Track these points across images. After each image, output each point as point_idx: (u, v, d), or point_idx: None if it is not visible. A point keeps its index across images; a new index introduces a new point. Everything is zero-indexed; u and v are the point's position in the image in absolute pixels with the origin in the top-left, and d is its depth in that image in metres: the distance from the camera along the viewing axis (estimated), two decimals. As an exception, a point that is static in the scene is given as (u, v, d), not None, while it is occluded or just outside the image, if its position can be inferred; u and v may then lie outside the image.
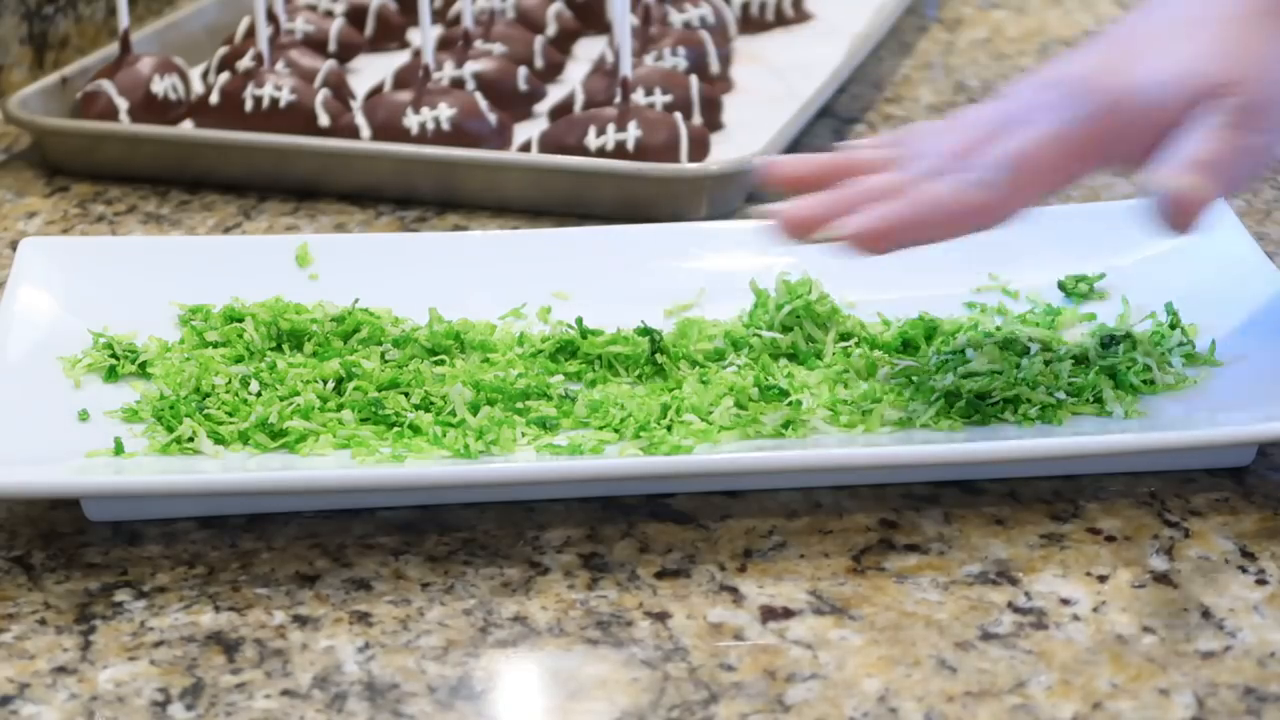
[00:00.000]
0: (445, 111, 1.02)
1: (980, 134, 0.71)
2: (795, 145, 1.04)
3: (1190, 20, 0.70)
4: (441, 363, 0.78)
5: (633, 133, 0.99)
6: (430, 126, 1.02)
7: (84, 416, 0.74)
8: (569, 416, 0.74)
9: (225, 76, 1.06)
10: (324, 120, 1.04)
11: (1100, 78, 0.70)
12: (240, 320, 0.80)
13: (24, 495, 0.71)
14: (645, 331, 0.78)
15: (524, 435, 0.73)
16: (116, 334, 0.80)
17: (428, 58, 1.04)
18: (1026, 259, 0.85)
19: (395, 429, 0.73)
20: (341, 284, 0.83)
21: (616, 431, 0.73)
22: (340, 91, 1.08)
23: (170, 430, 0.73)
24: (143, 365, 0.78)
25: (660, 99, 1.04)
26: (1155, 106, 0.68)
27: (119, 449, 0.72)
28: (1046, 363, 0.76)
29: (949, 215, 0.69)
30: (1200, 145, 0.67)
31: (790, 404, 0.74)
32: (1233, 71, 0.68)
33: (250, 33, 1.13)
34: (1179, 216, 0.67)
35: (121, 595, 0.67)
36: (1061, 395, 0.74)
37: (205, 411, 0.74)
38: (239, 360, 0.78)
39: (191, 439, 0.72)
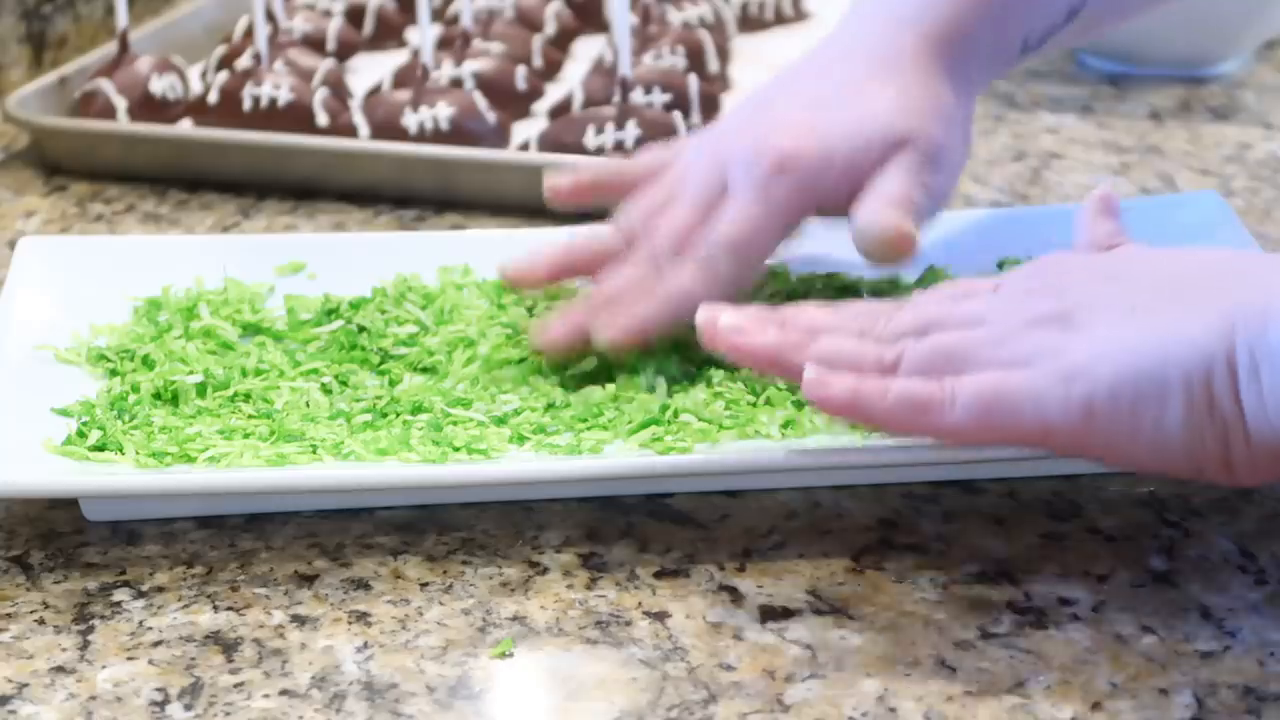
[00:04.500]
0: (444, 111, 1.02)
1: (693, 211, 0.78)
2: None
3: (869, 76, 0.79)
4: (430, 369, 0.78)
5: (631, 132, 0.99)
6: (429, 126, 1.02)
7: (83, 416, 0.74)
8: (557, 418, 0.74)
9: (224, 76, 1.06)
10: (323, 119, 1.04)
11: (793, 150, 0.77)
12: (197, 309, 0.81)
13: (23, 495, 0.71)
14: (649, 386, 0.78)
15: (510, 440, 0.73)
16: (114, 333, 0.80)
17: (426, 57, 1.04)
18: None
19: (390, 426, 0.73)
20: (340, 283, 0.83)
21: (608, 429, 0.73)
22: (339, 91, 1.08)
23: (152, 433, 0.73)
24: (144, 359, 0.78)
25: (659, 98, 1.04)
26: (849, 167, 0.77)
27: (82, 435, 0.72)
28: None
29: (684, 303, 0.75)
30: (895, 189, 0.76)
31: (792, 403, 0.74)
32: (913, 125, 0.77)
33: (249, 32, 1.13)
34: (895, 249, 0.75)
35: (120, 595, 0.67)
36: None
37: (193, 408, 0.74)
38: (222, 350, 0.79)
39: (185, 442, 0.72)
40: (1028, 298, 0.66)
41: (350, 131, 1.03)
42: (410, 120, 1.02)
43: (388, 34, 1.23)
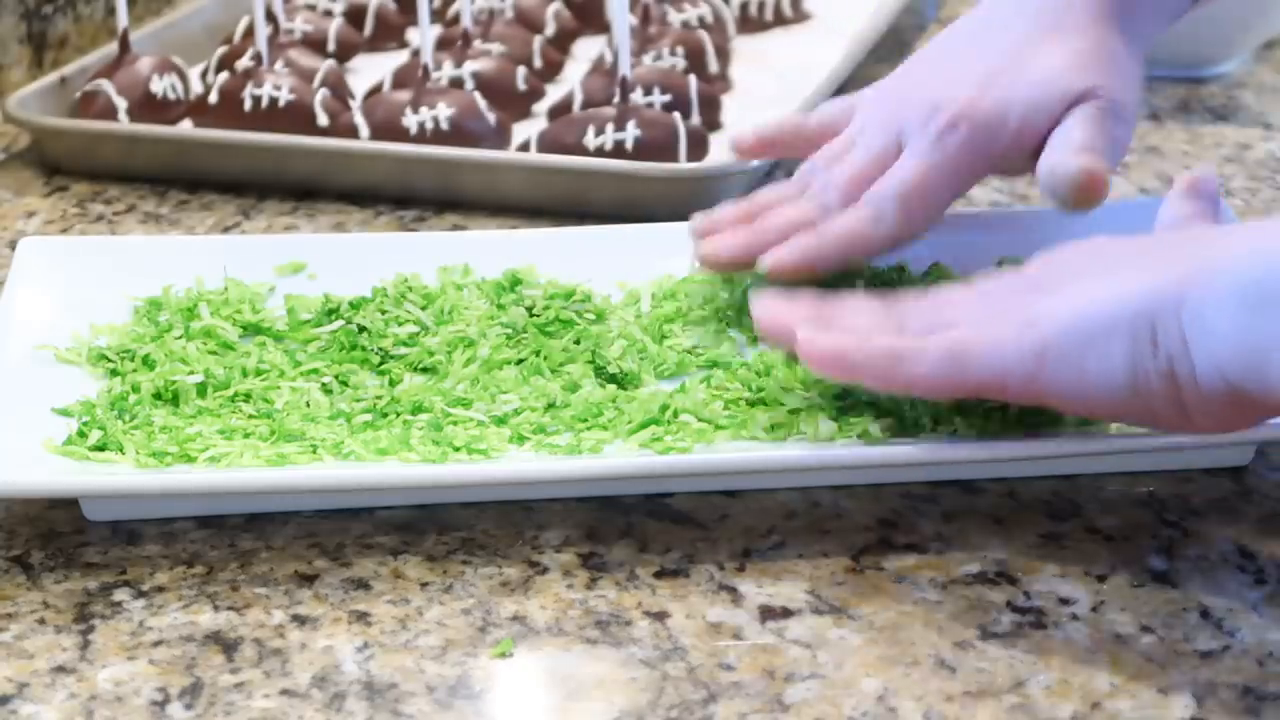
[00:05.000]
0: (444, 111, 1.02)
1: (866, 161, 0.80)
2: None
3: (1041, 31, 0.79)
4: (430, 369, 0.78)
5: (631, 132, 0.99)
6: (429, 126, 1.02)
7: (83, 416, 0.74)
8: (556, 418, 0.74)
9: (224, 76, 1.06)
10: (323, 120, 1.04)
11: (970, 102, 0.78)
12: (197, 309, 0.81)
13: (23, 495, 0.71)
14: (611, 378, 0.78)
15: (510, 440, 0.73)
16: (114, 333, 0.80)
17: (426, 57, 1.04)
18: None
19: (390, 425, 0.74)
20: (340, 284, 0.83)
21: (608, 429, 0.73)
22: (339, 91, 1.08)
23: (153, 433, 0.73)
24: (144, 359, 0.78)
25: (659, 99, 1.04)
26: (1028, 122, 0.78)
27: (83, 434, 0.72)
28: None
29: (847, 245, 0.78)
30: (1082, 136, 0.76)
31: (789, 410, 0.74)
32: (1093, 80, 0.78)
33: (249, 32, 1.13)
34: (1088, 192, 0.75)
35: (120, 595, 0.67)
36: None
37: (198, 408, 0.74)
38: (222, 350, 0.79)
39: (186, 441, 0.72)
40: (1024, 275, 0.69)
41: (350, 132, 1.03)
42: (410, 120, 1.02)
43: (388, 34, 1.23)
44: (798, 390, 0.75)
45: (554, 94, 1.11)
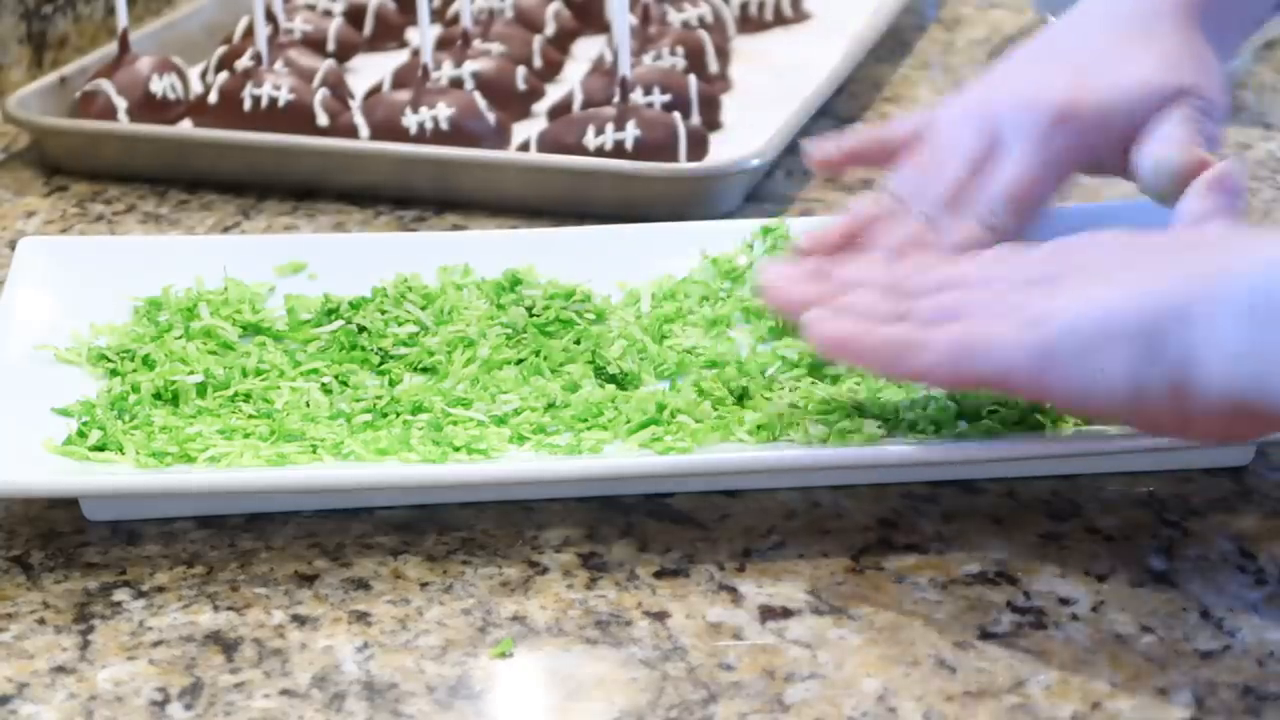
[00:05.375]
0: (444, 111, 1.02)
1: (965, 168, 0.80)
2: (794, 145, 1.04)
3: (1130, 36, 0.80)
4: (430, 369, 0.78)
5: (631, 132, 0.99)
6: (429, 126, 1.02)
7: (83, 416, 0.74)
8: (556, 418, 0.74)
9: (224, 76, 1.06)
10: (323, 120, 1.04)
11: (1070, 101, 0.78)
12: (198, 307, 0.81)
13: (23, 495, 0.71)
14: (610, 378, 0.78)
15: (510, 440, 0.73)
16: (114, 333, 0.80)
17: (426, 57, 1.04)
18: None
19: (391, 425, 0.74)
20: (340, 283, 0.83)
21: (608, 429, 0.73)
22: (339, 91, 1.08)
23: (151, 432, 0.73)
24: (144, 359, 0.78)
25: (659, 98, 1.04)
26: (1128, 121, 0.78)
27: (82, 434, 0.72)
28: None
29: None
30: (1179, 131, 0.77)
31: (776, 412, 0.74)
32: (1185, 80, 0.78)
33: (249, 32, 1.13)
34: (1192, 180, 0.74)
35: (120, 595, 0.67)
36: None
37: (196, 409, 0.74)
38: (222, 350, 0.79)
39: (185, 441, 0.72)
40: (1036, 264, 0.68)
41: (350, 132, 1.03)
42: (410, 120, 1.02)
43: (388, 34, 1.23)
44: (785, 394, 0.75)
45: (554, 94, 1.11)
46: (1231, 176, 0.73)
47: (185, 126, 1.06)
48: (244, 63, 1.09)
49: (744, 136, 1.03)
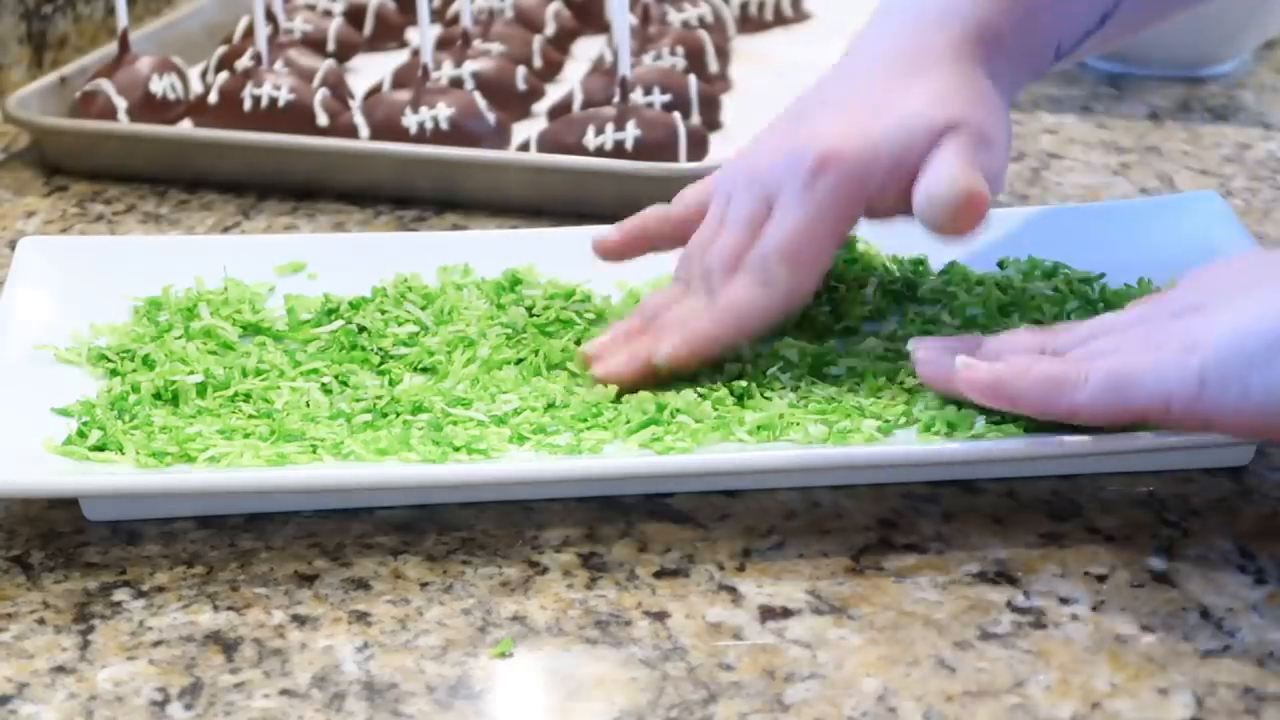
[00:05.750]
0: (444, 111, 1.02)
1: (741, 230, 0.77)
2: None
3: (900, 75, 0.78)
4: (430, 369, 0.78)
5: (631, 132, 0.99)
6: (429, 126, 1.02)
7: (83, 415, 0.74)
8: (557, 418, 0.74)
9: (224, 76, 1.06)
10: (323, 120, 1.04)
11: (832, 148, 0.76)
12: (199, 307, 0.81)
13: (23, 495, 0.71)
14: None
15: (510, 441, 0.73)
16: (114, 333, 0.80)
17: (426, 57, 1.04)
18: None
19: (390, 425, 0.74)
20: (340, 283, 0.83)
21: (608, 429, 0.73)
22: (339, 91, 1.08)
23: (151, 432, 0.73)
24: (144, 359, 0.78)
25: (659, 98, 1.04)
26: (894, 161, 0.75)
27: (82, 435, 0.72)
28: None
29: (739, 318, 0.76)
30: (954, 162, 0.74)
31: (776, 413, 0.74)
32: (955, 114, 0.76)
33: (249, 32, 1.13)
34: (968, 212, 0.74)
35: (120, 595, 0.67)
36: None
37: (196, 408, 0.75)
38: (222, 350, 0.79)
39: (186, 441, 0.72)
40: (1177, 299, 0.69)
41: (350, 132, 1.03)
42: (410, 120, 1.02)
43: (388, 34, 1.23)
44: (785, 394, 0.75)
45: (554, 94, 1.11)
46: None
47: (185, 126, 1.06)
48: (244, 63, 1.09)
49: (744, 136, 1.02)
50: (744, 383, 0.75)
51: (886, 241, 0.85)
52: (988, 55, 0.78)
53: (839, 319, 0.81)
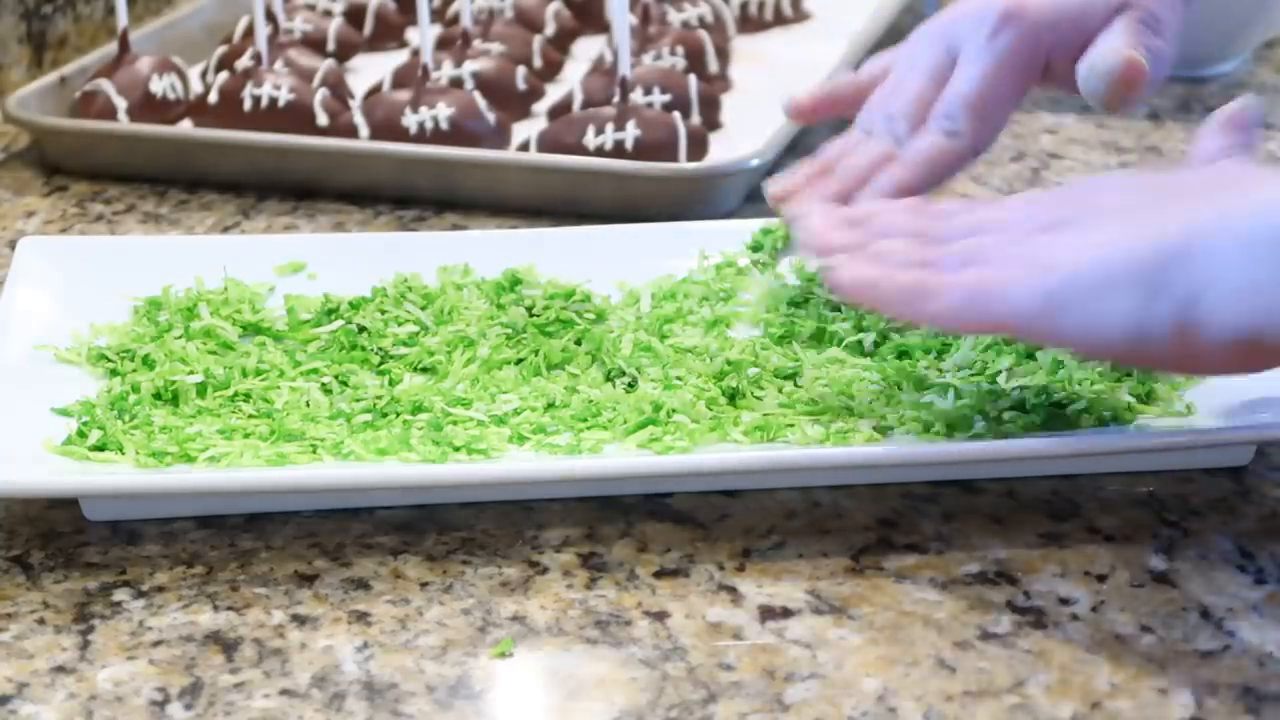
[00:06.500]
0: (444, 111, 1.02)
1: (924, 81, 0.82)
2: (794, 145, 1.04)
3: None
4: (430, 369, 0.78)
5: (631, 132, 0.99)
6: (429, 126, 1.02)
7: (83, 415, 0.74)
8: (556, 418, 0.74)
9: (224, 76, 1.06)
10: (323, 120, 1.04)
11: (1023, 5, 0.81)
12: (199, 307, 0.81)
13: (23, 495, 0.71)
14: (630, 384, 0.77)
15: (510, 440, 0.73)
16: (114, 333, 0.80)
17: (426, 57, 1.04)
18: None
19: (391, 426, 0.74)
20: (340, 283, 0.83)
21: (607, 429, 0.73)
22: (339, 91, 1.08)
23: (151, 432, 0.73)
24: (144, 359, 0.78)
25: (659, 98, 1.04)
26: (1074, 26, 0.80)
27: (82, 435, 0.72)
28: (1059, 364, 0.76)
29: (930, 167, 0.80)
30: (1120, 37, 0.79)
31: (765, 414, 0.74)
32: None
33: (249, 32, 1.13)
34: (1128, 82, 0.78)
35: (120, 595, 0.67)
36: (1130, 398, 0.73)
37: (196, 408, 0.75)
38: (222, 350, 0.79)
39: (185, 441, 0.72)
40: (1050, 206, 0.69)
41: (350, 132, 1.03)
42: (410, 120, 1.02)
43: (388, 34, 1.23)
44: (774, 394, 0.75)
45: (554, 94, 1.11)
46: (1245, 114, 0.73)
47: (185, 126, 1.06)
48: (244, 63, 1.09)
49: (744, 136, 1.03)
50: (734, 383, 0.75)
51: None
52: None
53: (822, 320, 0.81)
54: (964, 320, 0.67)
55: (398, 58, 1.17)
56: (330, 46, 1.17)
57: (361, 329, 0.80)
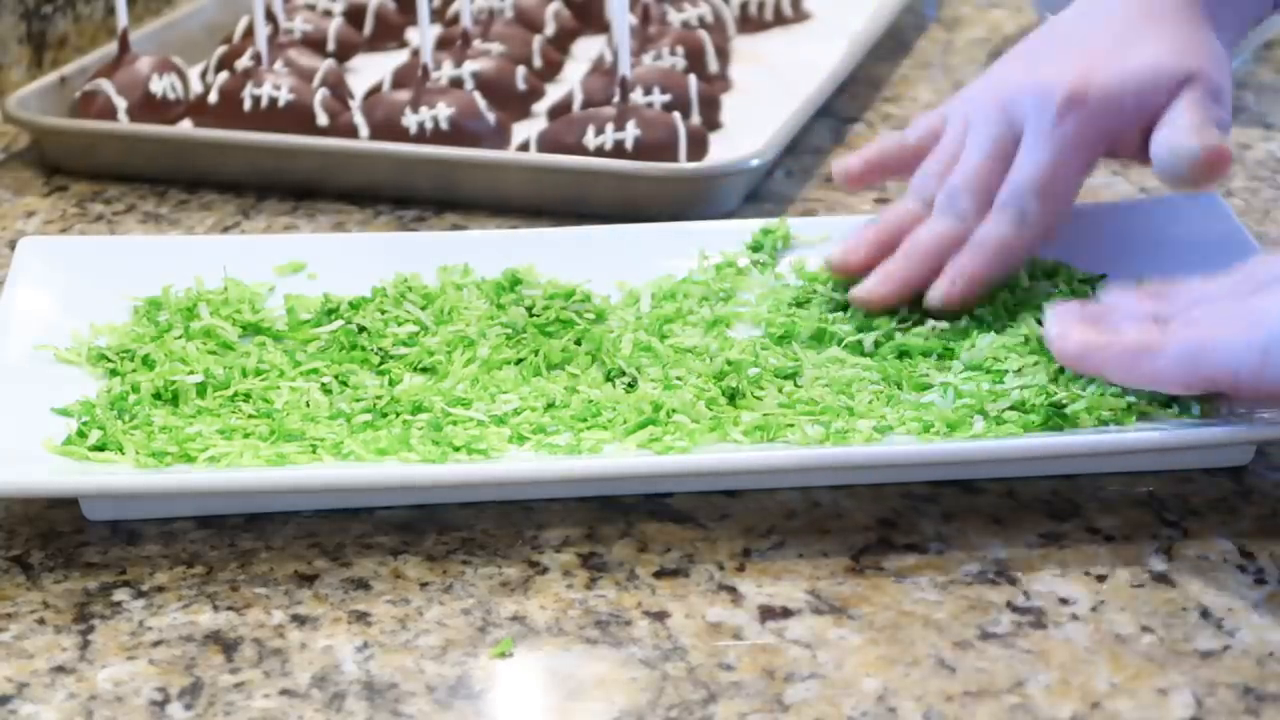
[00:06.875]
0: (444, 111, 1.02)
1: (986, 158, 0.81)
2: (794, 145, 1.04)
3: (1136, 25, 0.81)
4: (430, 369, 0.78)
5: (631, 132, 0.99)
6: (429, 126, 1.02)
7: (83, 415, 0.74)
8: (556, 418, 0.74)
9: (224, 76, 1.06)
10: (323, 120, 1.04)
11: (1080, 85, 0.79)
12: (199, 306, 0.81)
13: (23, 495, 0.71)
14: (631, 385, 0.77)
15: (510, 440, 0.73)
16: (114, 333, 0.80)
17: (426, 57, 1.04)
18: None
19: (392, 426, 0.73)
20: (340, 283, 0.83)
21: (607, 429, 0.73)
22: (339, 91, 1.08)
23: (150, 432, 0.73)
24: (144, 359, 0.78)
25: (659, 98, 1.04)
26: (1138, 104, 0.79)
27: (82, 435, 0.72)
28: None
29: (1004, 257, 0.80)
30: (1193, 117, 0.78)
31: (764, 414, 0.74)
32: (1193, 64, 0.80)
33: (249, 32, 1.13)
34: (1213, 167, 0.78)
35: (120, 595, 0.67)
36: (1131, 398, 0.73)
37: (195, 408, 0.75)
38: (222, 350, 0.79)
39: (185, 441, 0.72)
40: (1258, 271, 0.71)
41: (350, 132, 1.03)
42: (410, 120, 1.02)
43: (388, 34, 1.23)
44: (773, 394, 0.75)
45: (554, 94, 1.11)
46: None
47: (185, 126, 1.06)
48: (244, 63, 1.09)
49: (744, 136, 1.03)
50: (733, 383, 0.75)
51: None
52: (1210, 9, 0.82)
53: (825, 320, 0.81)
54: (1183, 379, 0.69)
55: (398, 58, 1.17)
56: (330, 46, 1.17)
57: (361, 329, 0.80)
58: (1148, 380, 0.70)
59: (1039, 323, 0.78)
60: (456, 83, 1.07)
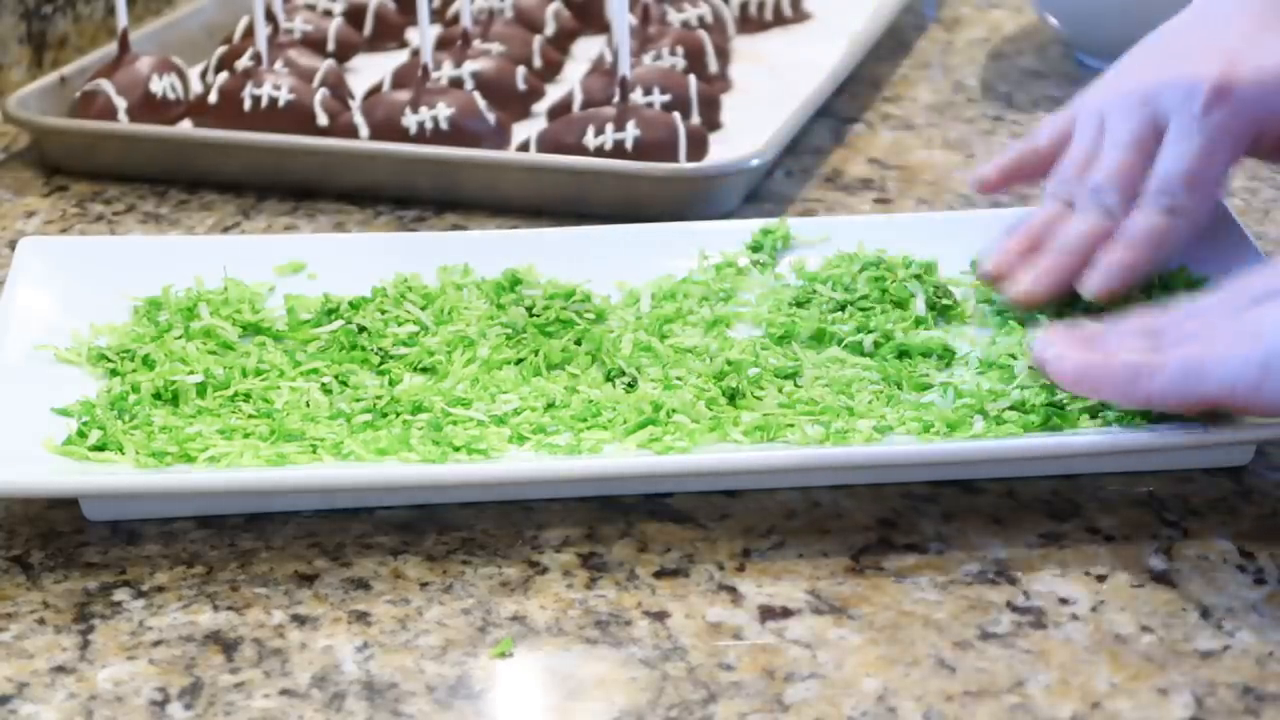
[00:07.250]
0: (444, 111, 1.02)
1: (1128, 152, 0.80)
2: (794, 145, 1.04)
3: (1271, 22, 0.81)
4: (430, 369, 0.78)
5: (631, 132, 0.99)
6: (429, 126, 1.02)
7: (83, 415, 0.74)
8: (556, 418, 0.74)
9: (224, 76, 1.06)
10: (323, 120, 1.04)
11: (1225, 79, 0.79)
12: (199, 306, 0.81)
13: (23, 495, 0.71)
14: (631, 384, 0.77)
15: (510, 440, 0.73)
16: (114, 333, 0.80)
17: (426, 57, 1.04)
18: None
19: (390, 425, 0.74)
20: (340, 283, 0.83)
21: (607, 429, 0.73)
22: (339, 91, 1.08)
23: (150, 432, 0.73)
24: (144, 359, 0.78)
25: (659, 98, 1.04)
26: None
27: (82, 435, 0.72)
28: None
29: (1156, 245, 0.79)
30: None
31: (764, 414, 0.74)
32: None
33: (249, 32, 1.13)
34: None
35: (120, 595, 0.67)
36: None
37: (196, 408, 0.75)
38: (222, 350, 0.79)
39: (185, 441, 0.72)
40: (1256, 281, 0.70)
41: (350, 132, 1.03)
42: (410, 120, 1.02)
43: (388, 34, 1.23)
44: (773, 394, 0.75)
45: (554, 94, 1.11)
46: None
47: (185, 126, 1.06)
48: (244, 63, 1.09)
49: (744, 136, 1.03)
50: (734, 383, 0.75)
51: (893, 243, 0.85)
52: None
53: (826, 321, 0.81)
54: (1181, 397, 0.68)
55: (398, 58, 1.17)
56: (330, 46, 1.17)
57: (361, 329, 0.80)
58: (1145, 401, 0.69)
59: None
60: (456, 83, 1.07)
